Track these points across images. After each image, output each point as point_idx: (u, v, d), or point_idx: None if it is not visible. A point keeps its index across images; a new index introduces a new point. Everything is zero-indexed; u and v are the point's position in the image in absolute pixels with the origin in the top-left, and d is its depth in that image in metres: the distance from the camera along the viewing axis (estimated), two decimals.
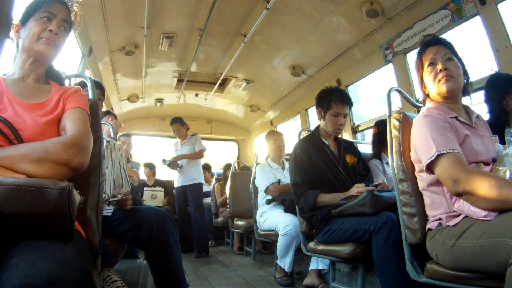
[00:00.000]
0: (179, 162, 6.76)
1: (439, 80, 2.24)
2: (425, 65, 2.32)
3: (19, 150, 1.42)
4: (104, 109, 4.74)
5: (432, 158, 2.03)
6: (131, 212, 2.90)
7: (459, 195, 1.93)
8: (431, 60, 2.29)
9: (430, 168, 2.09)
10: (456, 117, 2.23)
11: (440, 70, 2.23)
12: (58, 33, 1.72)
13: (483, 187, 1.79)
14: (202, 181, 6.88)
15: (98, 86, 3.37)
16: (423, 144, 2.14)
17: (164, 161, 6.90)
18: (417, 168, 2.30)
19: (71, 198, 1.20)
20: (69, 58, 4.62)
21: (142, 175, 8.00)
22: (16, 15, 1.83)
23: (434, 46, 2.32)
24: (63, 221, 1.21)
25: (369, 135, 5.77)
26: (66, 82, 2.02)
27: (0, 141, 1.46)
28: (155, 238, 2.70)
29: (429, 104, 2.37)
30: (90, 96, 2.43)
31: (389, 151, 2.48)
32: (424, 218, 2.28)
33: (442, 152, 2.00)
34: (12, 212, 1.15)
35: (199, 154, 6.82)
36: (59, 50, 1.77)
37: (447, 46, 2.32)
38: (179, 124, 6.89)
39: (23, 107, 1.61)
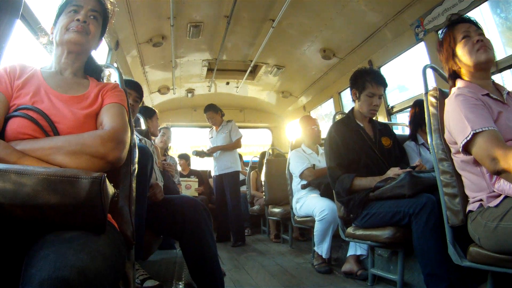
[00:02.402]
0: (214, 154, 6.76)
1: (478, 50, 2.20)
2: (458, 38, 2.29)
3: (54, 142, 1.42)
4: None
5: (468, 138, 1.99)
6: (164, 202, 2.90)
7: (498, 173, 1.89)
8: (465, 33, 2.27)
9: (466, 149, 2.05)
10: (487, 94, 2.18)
11: (478, 41, 2.20)
12: (87, 21, 1.70)
13: None
14: (239, 168, 6.78)
15: (136, 88, 3.36)
16: (457, 125, 2.10)
17: (193, 152, 6.99)
18: (452, 150, 2.25)
19: (104, 188, 1.17)
20: (97, 53, 4.64)
21: (179, 167, 8.03)
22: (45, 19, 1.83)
23: (465, 23, 2.31)
24: (95, 213, 1.18)
25: (401, 117, 5.67)
26: None
27: (36, 132, 1.46)
28: (188, 227, 2.69)
29: (459, 83, 2.32)
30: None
31: (427, 130, 2.43)
32: (465, 199, 2.22)
33: (477, 130, 1.95)
34: (42, 203, 1.11)
35: (236, 144, 6.74)
36: (94, 38, 1.77)
37: (476, 25, 2.31)
38: (212, 112, 6.82)
39: (61, 100, 1.61)
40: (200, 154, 6.93)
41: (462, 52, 2.27)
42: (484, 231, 1.97)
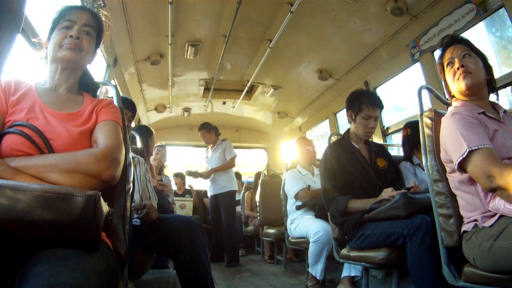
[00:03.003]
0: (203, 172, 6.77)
1: (458, 78, 2.25)
2: (445, 65, 2.34)
3: (49, 160, 1.41)
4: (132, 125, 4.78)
5: (464, 156, 1.99)
6: (160, 221, 2.89)
7: (493, 190, 1.89)
8: (449, 60, 2.31)
9: (462, 167, 2.05)
10: (483, 113, 2.20)
11: (458, 68, 2.24)
12: (80, 37, 1.70)
13: None
14: (234, 188, 6.71)
15: (129, 107, 3.34)
16: (453, 143, 2.11)
17: (186, 172, 7.05)
18: (448, 169, 2.26)
19: (98, 206, 1.17)
20: (95, 70, 4.65)
21: (174, 186, 8.00)
22: (41, 32, 1.84)
23: (451, 46, 2.34)
24: (89, 230, 1.18)
25: (396, 138, 5.70)
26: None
27: (30, 149, 1.46)
28: (184, 246, 2.68)
29: (455, 103, 2.35)
30: (115, 103, 2.42)
31: (422, 151, 2.45)
32: (460, 219, 2.22)
33: (473, 148, 1.96)
34: (36, 220, 1.11)
35: (230, 164, 6.68)
36: (87, 54, 1.76)
37: (463, 43, 2.33)
38: (205, 131, 6.79)
39: (55, 117, 1.60)
40: (193, 174, 6.91)
41: (448, 79, 2.34)
42: (479, 251, 1.96)
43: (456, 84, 2.26)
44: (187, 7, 4.67)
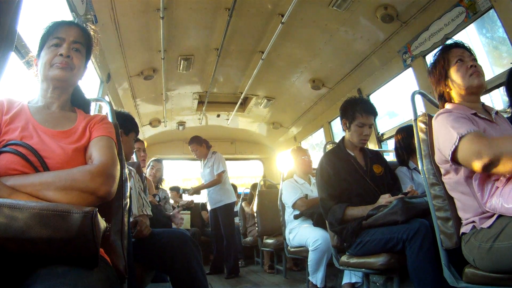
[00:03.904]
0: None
1: (471, 74, 2.25)
2: (453, 61, 2.32)
3: (44, 178, 1.41)
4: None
5: (456, 144, 1.99)
6: (152, 236, 2.89)
7: (487, 168, 1.86)
8: (460, 57, 2.31)
9: (455, 158, 2.05)
10: (475, 113, 2.21)
11: (471, 66, 2.25)
12: (70, 55, 1.70)
13: (508, 143, 1.80)
14: (230, 200, 6.65)
15: (133, 126, 3.30)
16: (445, 136, 2.12)
17: (181, 190, 7.20)
18: (443, 171, 2.26)
19: (95, 222, 1.17)
20: (88, 86, 4.65)
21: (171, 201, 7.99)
22: (34, 49, 1.83)
23: (459, 48, 2.35)
24: (87, 247, 1.18)
25: (392, 144, 5.72)
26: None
27: (25, 168, 1.45)
28: (177, 260, 2.69)
29: (448, 106, 2.36)
30: (110, 119, 2.42)
31: (418, 156, 2.45)
32: (458, 221, 2.22)
33: (463, 134, 1.97)
34: (34, 237, 1.11)
35: (217, 180, 6.55)
36: (78, 71, 1.76)
37: (470, 51, 2.36)
38: (196, 144, 6.70)
39: (49, 135, 1.60)
40: (188, 191, 6.92)
41: (455, 75, 2.30)
42: (478, 252, 1.96)
43: (467, 79, 2.25)
44: (179, 22, 4.70)
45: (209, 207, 6.94)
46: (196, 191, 6.75)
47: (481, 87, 2.26)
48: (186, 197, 8.42)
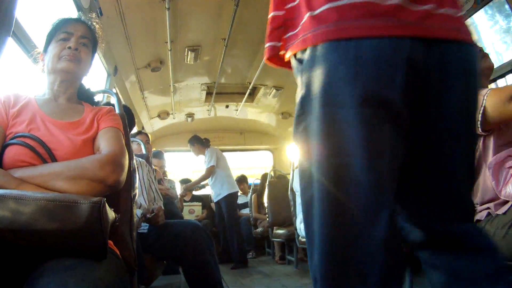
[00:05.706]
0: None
1: None
2: None
3: (53, 168, 1.41)
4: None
5: (483, 103, 1.92)
6: (165, 227, 2.89)
7: None
8: None
9: (485, 121, 1.97)
10: None
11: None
12: (79, 48, 1.70)
13: None
14: (229, 191, 6.79)
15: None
16: None
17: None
18: None
19: (104, 213, 1.16)
20: (96, 79, 4.65)
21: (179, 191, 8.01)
22: (40, 45, 1.82)
23: None
24: (95, 238, 1.17)
25: None
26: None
27: (33, 160, 1.45)
28: (190, 251, 2.68)
29: None
30: (117, 111, 2.42)
31: None
32: None
33: (487, 95, 1.93)
34: (40, 229, 1.10)
35: (205, 176, 6.86)
36: (85, 65, 1.77)
37: None
38: (189, 145, 7.08)
39: (57, 126, 1.60)
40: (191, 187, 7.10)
41: None
42: (494, 239, 1.94)
43: None
44: (184, 12, 4.65)
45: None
46: (188, 188, 7.12)
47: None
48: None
